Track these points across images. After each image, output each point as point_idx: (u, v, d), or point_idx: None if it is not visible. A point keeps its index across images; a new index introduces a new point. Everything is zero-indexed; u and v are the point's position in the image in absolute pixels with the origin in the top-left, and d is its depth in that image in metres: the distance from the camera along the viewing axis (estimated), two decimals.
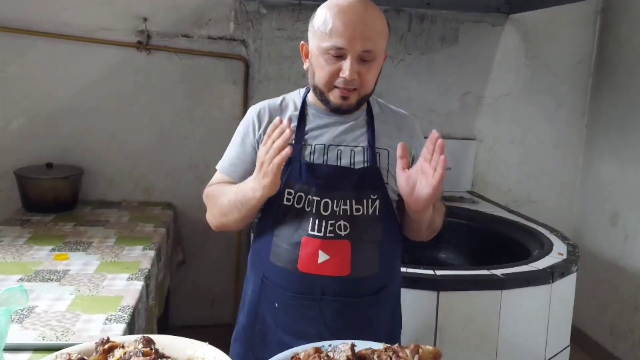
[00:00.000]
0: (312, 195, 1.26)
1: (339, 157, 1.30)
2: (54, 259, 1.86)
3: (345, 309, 1.28)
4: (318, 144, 1.31)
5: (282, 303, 1.30)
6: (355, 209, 1.27)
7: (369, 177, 1.29)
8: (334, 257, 1.25)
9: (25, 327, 1.36)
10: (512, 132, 3.16)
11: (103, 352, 0.95)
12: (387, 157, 1.32)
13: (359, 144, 1.31)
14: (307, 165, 1.28)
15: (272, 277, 1.31)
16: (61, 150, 2.62)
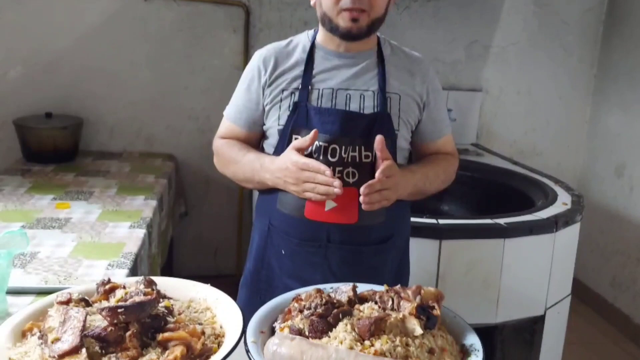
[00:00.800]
0: (319, 141, 1.22)
1: (348, 102, 1.26)
2: (56, 208, 1.86)
3: (351, 257, 1.27)
4: (326, 87, 1.26)
5: (288, 250, 1.29)
6: (364, 155, 1.24)
7: (379, 123, 1.25)
8: (342, 205, 1.23)
9: (27, 271, 1.36)
10: (518, 83, 3.09)
11: (104, 292, 0.94)
12: (398, 103, 1.27)
13: (369, 87, 1.27)
14: (314, 110, 1.24)
15: (279, 224, 1.30)
16: (60, 100, 2.58)
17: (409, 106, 1.29)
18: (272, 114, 1.28)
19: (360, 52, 1.28)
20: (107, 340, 0.81)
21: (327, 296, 0.93)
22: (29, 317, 0.90)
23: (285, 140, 1.25)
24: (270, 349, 0.82)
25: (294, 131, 1.25)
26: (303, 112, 1.24)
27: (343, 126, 1.23)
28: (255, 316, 0.94)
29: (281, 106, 1.27)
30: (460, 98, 3.01)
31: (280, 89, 1.27)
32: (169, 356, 0.80)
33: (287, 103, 1.26)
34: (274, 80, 1.28)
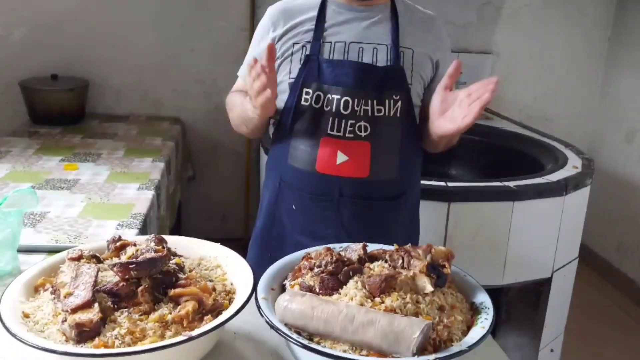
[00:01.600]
0: (331, 94, 1.21)
1: (361, 56, 1.23)
2: (64, 169, 1.86)
3: (362, 212, 1.27)
4: (338, 41, 1.23)
5: (300, 205, 1.29)
6: (377, 109, 1.22)
7: (392, 77, 1.23)
8: (353, 159, 1.23)
9: (38, 231, 1.37)
10: (530, 46, 3.03)
11: (115, 249, 0.95)
12: (411, 57, 1.25)
13: (382, 41, 1.24)
14: (326, 63, 1.22)
15: (290, 179, 1.29)
16: (65, 62, 2.55)
17: (422, 62, 1.27)
18: (283, 68, 1.26)
19: (373, 6, 1.26)
20: (119, 295, 0.81)
21: (337, 254, 0.93)
22: (41, 273, 0.90)
23: (296, 93, 1.23)
24: (282, 305, 0.83)
25: (305, 84, 1.23)
26: (315, 65, 1.22)
27: (356, 79, 1.21)
28: (265, 274, 0.94)
29: (292, 60, 1.25)
30: (471, 61, 2.95)
31: (292, 42, 1.25)
32: (180, 311, 0.81)
33: (298, 56, 1.24)
34: (285, 33, 1.26)
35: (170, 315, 0.80)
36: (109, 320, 0.78)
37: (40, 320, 0.79)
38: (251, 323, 0.96)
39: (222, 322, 0.79)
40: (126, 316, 0.79)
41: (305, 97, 1.23)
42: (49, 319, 0.79)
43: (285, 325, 0.82)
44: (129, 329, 0.77)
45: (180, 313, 0.81)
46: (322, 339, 0.81)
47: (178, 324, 0.80)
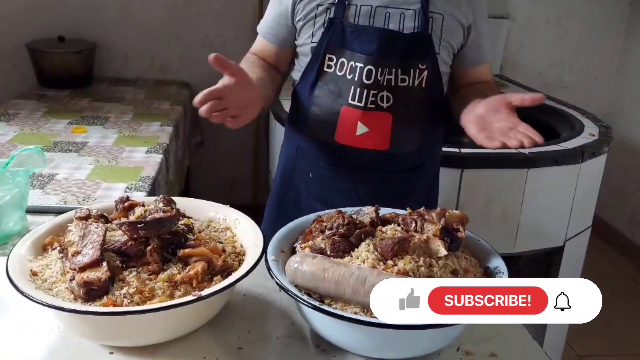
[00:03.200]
0: (354, 62, 1.15)
1: (387, 21, 1.16)
2: (72, 132, 1.85)
3: (379, 184, 1.24)
4: (364, 4, 1.16)
5: (316, 173, 1.26)
6: (401, 79, 1.16)
7: (418, 45, 1.16)
8: (373, 130, 1.18)
9: (46, 192, 1.36)
10: (548, 10, 2.93)
11: (123, 209, 0.93)
12: (440, 23, 1.17)
13: (411, 6, 1.16)
14: (351, 28, 1.15)
15: (308, 147, 1.26)
16: (72, 23, 2.51)
17: (453, 28, 1.19)
18: (305, 31, 1.20)
19: None
20: (127, 254, 0.80)
21: (349, 217, 0.91)
22: (48, 232, 0.89)
23: (318, 59, 1.18)
24: (292, 267, 0.81)
25: (328, 50, 1.17)
26: (339, 29, 1.16)
27: (381, 46, 1.14)
28: (276, 236, 0.93)
29: (315, 22, 1.18)
30: None
31: (316, 3, 1.17)
32: (190, 271, 0.80)
33: (321, 19, 1.17)
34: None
35: (179, 275, 0.79)
36: (117, 279, 0.77)
37: (49, 279, 0.79)
38: (261, 285, 0.95)
39: (232, 282, 0.78)
40: (135, 275, 0.78)
41: (329, 64, 1.18)
42: (57, 277, 0.78)
43: (296, 287, 0.80)
44: (138, 288, 0.76)
45: (190, 273, 0.79)
46: (333, 301, 0.79)
47: (187, 284, 0.79)
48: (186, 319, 0.79)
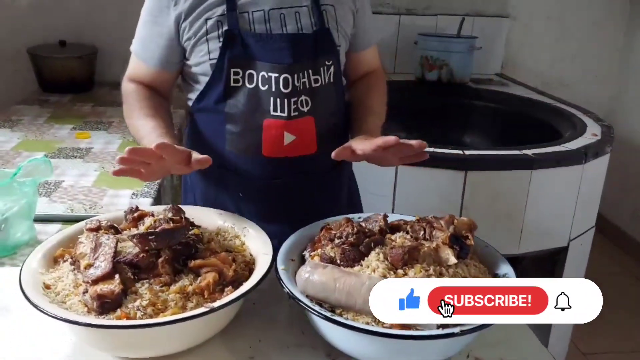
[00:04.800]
0: (266, 72, 1.11)
1: (283, 23, 1.12)
2: (76, 137, 1.84)
3: (312, 186, 1.23)
4: (256, 10, 1.11)
5: (248, 191, 1.21)
6: (314, 79, 1.15)
7: (320, 42, 1.15)
8: (300, 137, 1.15)
9: (53, 200, 1.36)
10: (549, 7, 2.94)
11: (133, 220, 0.94)
12: (334, 14, 1.17)
13: (302, 3, 1.14)
14: (253, 38, 1.10)
15: (232, 166, 1.19)
16: (73, 28, 2.50)
17: (345, 16, 1.20)
18: (199, 49, 1.13)
19: None
20: (139, 266, 0.80)
21: (358, 225, 0.91)
22: (59, 244, 0.90)
23: (223, 74, 1.11)
24: (303, 276, 0.82)
25: (231, 64, 1.11)
26: (238, 40, 1.10)
27: (291, 52, 1.11)
28: (285, 244, 0.93)
29: (209, 38, 1.11)
30: (486, 25, 2.88)
31: (204, 18, 1.11)
32: (201, 282, 0.80)
33: (215, 34, 1.11)
34: (193, 9, 1.11)
35: (191, 287, 0.80)
36: (129, 291, 0.78)
37: (62, 292, 0.79)
38: (269, 293, 0.95)
39: (244, 293, 0.79)
40: (147, 287, 0.78)
41: (235, 78, 1.12)
42: (70, 290, 0.79)
43: (307, 297, 0.81)
44: (151, 300, 0.76)
45: (201, 284, 0.80)
46: (344, 310, 0.80)
47: (199, 295, 0.80)
48: (199, 330, 0.80)
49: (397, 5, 2.82)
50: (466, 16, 2.73)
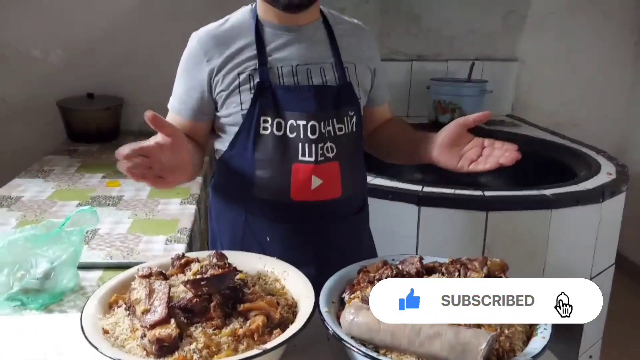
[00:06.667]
0: (295, 120, 1.19)
1: (310, 77, 1.22)
2: (107, 186, 1.91)
3: (336, 229, 1.29)
4: (285, 65, 1.22)
5: (275, 235, 1.26)
6: (338, 128, 1.23)
7: (344, 94, 1.25)
8: (326, 181, 1.22)
9: (92, 247, 1.41)
10: (556, 52, 3.03)
11: (180, 266, 0.98)
12: (355, 71, 1.28)
13: (326, 60, 1.25)
14: (282, 89, 1.20)
15: (260, 211, 1.25)
16: (100, 81, 2.62)
17: (364, 74, 1.30)
18: (231, 100, 1.21)
19: (308, 25, 1.25)
20: (192, 310, 0.85)
21: (396, 268, 0.95)
22: (113, 290, 0.94)
23: (253, 123, 1.20)
24: (348, 318, 0.85)
25: (262, 113, 1.19)
26: (269, 92, 1.19)
27: (318, 102, 1.20)
28: (325, 287, 0.97)
29: (241, 91, 1.20)
30: (496, 69, 2.97)
31: (236, 72, 1.20)
32: (251, 325, 0.84)
33: (247, 86, 1.20)
34: (225, 64, 1.20)
35: (241, 330, 0.83)
36: (184, 335, 0.82)
37: (120, 336, 0.83)
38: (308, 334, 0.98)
39: (292, 334, 0.82)
40: (201, 331, 0.82)
41: (264, 126, 1.20)
42: (128, 335, 0.83)
43: (351, 338, 0.84)
44: (205, 343, 0.80)
45: (251, 327, 0.84)
46: (388, 350, 0.83)
47: (249, 338, 0.83)
48: None
49: (409, 52, 2.93)
50: (476, 60, 2.83)
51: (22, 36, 2.55)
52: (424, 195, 1.79)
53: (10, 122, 2.61)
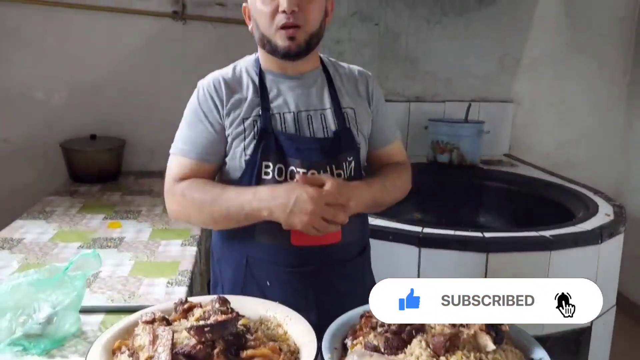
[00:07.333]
0: (296, 168, 1.22)
1: (310, 124, 1.26)
2: (108, 227, 1.92)
3: (337, 274, 1.29)
4: (287, 112, 1.26)
5: (276, 280, 1.27)
6: (337, 174, 1.26)
7: (344, 140, 1.27)
8: None
9: (94, 290, 1.41)
10: (551, 94, 3.10)
11: (183, 311, 0.99)
12: (354, 116, 1.31)
13: (325, 106, 1.29)
14: (284, 136, 1.23)
15: (261, 255, 1.27)
16: (103, 122, 2.66)
17: (363, 118, 1.33)
18: (235, 145, 1.24)
19: (308, 72, 1.29)
20: (196, 357, 0.85)
21: None
22: (116, 336, 0.94)
23: (255, 168, 1.22)
24: None
25: (264, 158, 1.22)
26: (271, 138, 1.22)
27: (318, 150, 1.24)
28: (327, 333, 0.97)
29: (245, 136, 1.23)
30: (492, 110, 3.03)
31: (241, 118, 1.24)
32: None
33: (251, 132, 1.23)
34: (232, 109, 1.24)
35: None
36: None
37: None
38: None
39: None
40: None
41: (266, 171, 1.22)
42: None
43: None
44: None
45: None
46: None
47: None
48: None
49: (406, 94, 2.99)
50: (472, 102, 2.89)
51: (27, 78, 2.60)
52: (424, 237, 1.81)
53: (12, 163, 2.63)
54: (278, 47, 1.21)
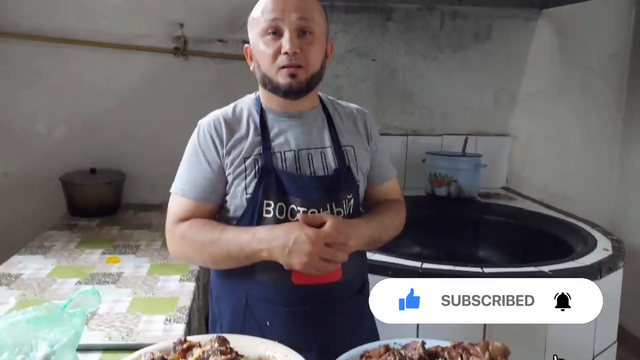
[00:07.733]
0: (297, 206, 1.22)
1: (311, 162, 1.28)
2: (106, 262, 1.92)
3: (337, 312, 1.29)
4: (287, 150, 1.27)
5: (276, 319, 1.26)
6: (337, 212, 1.26)
7: (344, 179, 1.29)
8: None
9: (91, 328, 1.40)
10: (546, 128, 3.14)
11: (182, 351, 0.98)
12: (354, 154, 1.33)
13: (326, 144, 1.30)
14: (285, 175, 1.24)
15: (261, 294, 1.26)
16: (103, 156, 2.68)
17: (362, 156, 1.35)
18: (236, 184, 1.24)
19: (308, 111, 1.31)
20: None
21: (399, 353, 0.95)
22: None
23: (256, 207, 1.22)
24: None
25: (265, 197, 1.23)
26: (272, 177, 1.23)
27: (319, 190, 1.24)
28: None
29: (247, 175, 1.24)
30: (489, 143, 3.06)
31: (242, 157, 1.25)
32: None
33: (252, 170, 1.24)
34: (232, 148, 1.25)
35: None
36: None
37: None
38: None
39: None
40: None
41: (267, 209, 1.23)
42: None
43: None
44: None
45: None
46: None
47: None
48: None
49: (404, 127, 3.03)
50: (469, 135, 2.92)
51: (28, 113, 2.63)
52: (423, 272, 1.80)
53: (11, 197, 2.64)
54: (280, 85, 1.23)
